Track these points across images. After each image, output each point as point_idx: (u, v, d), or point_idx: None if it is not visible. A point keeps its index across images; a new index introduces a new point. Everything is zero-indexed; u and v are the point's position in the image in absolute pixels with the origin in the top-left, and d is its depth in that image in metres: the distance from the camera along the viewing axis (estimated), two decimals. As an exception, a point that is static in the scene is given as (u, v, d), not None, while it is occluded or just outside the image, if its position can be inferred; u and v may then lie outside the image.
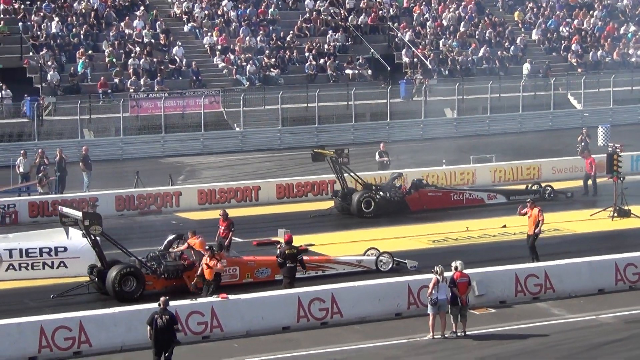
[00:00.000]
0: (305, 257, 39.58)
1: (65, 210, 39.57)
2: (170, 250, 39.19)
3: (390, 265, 40.91)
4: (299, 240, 45.65)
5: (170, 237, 40.00)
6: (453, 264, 34.95)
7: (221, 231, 41.84)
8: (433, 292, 33.85)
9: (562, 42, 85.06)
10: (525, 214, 41.40)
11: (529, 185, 55.46)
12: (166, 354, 30.08)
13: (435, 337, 33.96)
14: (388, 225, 49.09)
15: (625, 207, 50.80)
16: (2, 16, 73.31)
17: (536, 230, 41.10)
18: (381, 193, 51.48)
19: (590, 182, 55.39)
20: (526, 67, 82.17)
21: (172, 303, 31.48)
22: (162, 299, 31.52)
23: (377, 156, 59.88)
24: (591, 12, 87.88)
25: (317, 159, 53.22)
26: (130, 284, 37.14)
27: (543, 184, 55.03)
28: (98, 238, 37.59)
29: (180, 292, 36.86)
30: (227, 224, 41.89)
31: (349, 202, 51.22)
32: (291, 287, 36.96)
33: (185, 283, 37.92)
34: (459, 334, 34.21)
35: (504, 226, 49.16)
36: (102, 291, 37.65)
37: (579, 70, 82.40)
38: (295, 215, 51.40)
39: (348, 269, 40.15)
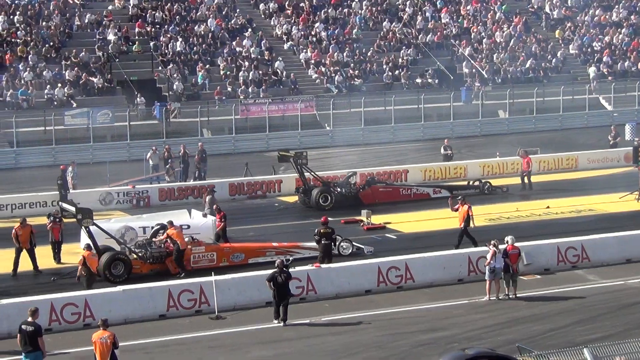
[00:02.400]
0: (274, 244, 39.59)
1: (64, 205, 39.49)
2: (155, 239, 38.52)
3: (350, 250, 39.95)
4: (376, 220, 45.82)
5: (155, 227, 39.32)
6: (506, 239, 34.81)
7: (217, 222, 41.02)
8: (491, 261, 33.72)
9: (596, 54, 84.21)
10: (457, 209, 40.54)
11: (471, 182, 53.74)
12: (284, 303, 31.38)
13: (491, 298, 33.80)
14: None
15: (650, 191, 50.30)
16: (137, 37, 73.69)
17: (472, 225, 39.85)
18: (338, 189, 50.02)
19: (526, 179, 53.82)
20: (592, 71, 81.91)
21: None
22: (278, 261, 32.16)
23: (442, 150, 59.59)
24: (620, 29, 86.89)
25: (282, 159, 51.55)
26: (118, 268, 36.64)
27: (483, 180, 53.38)
28: (91, 228, 36.98)
29: (164, 275, 36.72)
30: (221, 215, 41.33)
31: (310, 197, 49.91)
32: (329, 262, 36.63)
33: (167, 267, 37.57)
34: (510, 296, 34.04)
35: (548, 207, 48.77)
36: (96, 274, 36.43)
37: (609, 78, 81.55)
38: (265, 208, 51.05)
39: (313, 253, 38.70)
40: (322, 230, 37.54)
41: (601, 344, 23.33)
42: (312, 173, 50.57)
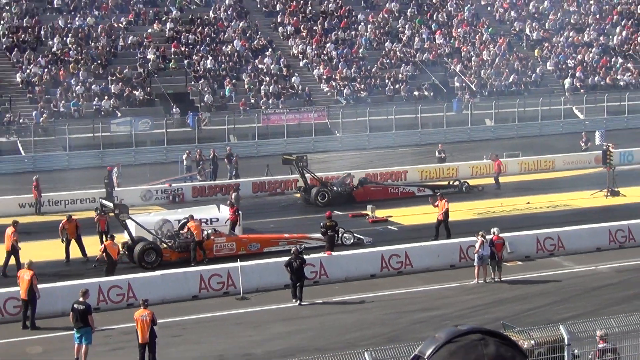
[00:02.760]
0: (286, 235, 39.59)
1: (104, 202, 39.66)
2: (182, 230, 38.54)
3: (352, 240, 39.85)
4: (379, 214, 45.80)
5: (183, 220, 39.32)
6: (492, 230, 34.86)
7: (230, 216, 41.02)
8: (479, 249, 33.75)
9: (570, 70, 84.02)
10: (437, 205, 40.54)
11: (450, 182, 53.20)
12: (300, 284, 31.85)
13: (479, 282, 33.81)
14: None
15: (616, 189, 50.27)
16: (173, 56, 73.74)
17: (445, 217, 39.96)
18: (334, 188, 49.59)
19: (495, 180, 53.35)
20: (567, 82, 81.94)
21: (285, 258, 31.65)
22: (293, 249, 32.27)
23: (436, 153, 59.57)
24: (590, 49, 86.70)
25: (286, 162, 50.71)
26: (151, 256, 36.79)
27: (462, 181, 52.95)
28: (126, 222, 37.13)
29: (190, 262, 36.75)
30: (234, 210, 41.24)
31: (309, 195, 49.47)
32: (330, 249, 36.62)
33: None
34: (496, 280, 34.10)
35: (528, 202, 48.72)
36: (132, 261, 37.03)
37: (582, 90, 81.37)
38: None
39: (319, 243, 38.72)
40: (327, 223, 37.59)
41: (575, 322, 23.31)
42: (312, 174, 50.35)
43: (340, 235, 39.50)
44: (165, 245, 37.64)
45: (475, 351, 7.70)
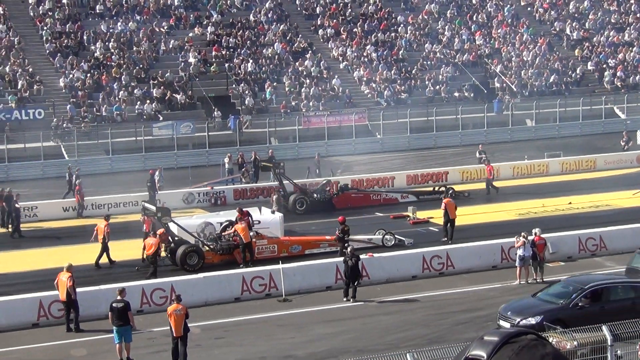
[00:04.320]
0: (327, 237, 39.34)
1: (147, 205, 39.80)
2: (224, 233, 38.57)
3: (393, 242, 39.75)
4: (420, 215, 45.64)
5: (225, 223, 39.35)
6: (533, 230, 34.69)
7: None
8: (520, 249, 33.64)
9: (610, 70, 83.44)
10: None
11: (436, 187, 51.97)
12: (354, 283, 32.31)
13: (521, 282, 33.66)
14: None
15: (658, 188, 49.95)
16: (214, 60, 73.94)
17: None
18: (314, 195, 48.76)
19: (491, 185, 52.34)
20: (607, 75, 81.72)
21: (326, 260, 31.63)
22: (349, 248, 32.35)
23: (477, 154, 59.33)
24: (631, 48, 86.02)
25: (264, 169, 50.27)
26: (193, 259, 36.76)
27: (447, 186, 51.46)
28: (169, 225, 37.39)
29: (232, 264, 36.87)
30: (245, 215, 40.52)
31: (287, 202, 48.17)
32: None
33: (235, 258, 37.65)
34: (538, 280, 33.97)
35: (570, 203, 48.43)
36: (174, 264, 37.09)
37: (622, 90, 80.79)
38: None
39: (361, 245, 38.71)
40: (345, 228, 37.44)
41: (620, 322, 23.09)
42: (290, 181, 49.51)
43: (382, 237, 39.71)
44: (207, 248, 37.73)
45: (537, 351, 7.71)
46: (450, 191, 49.83)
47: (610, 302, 27.91)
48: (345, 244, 35.75)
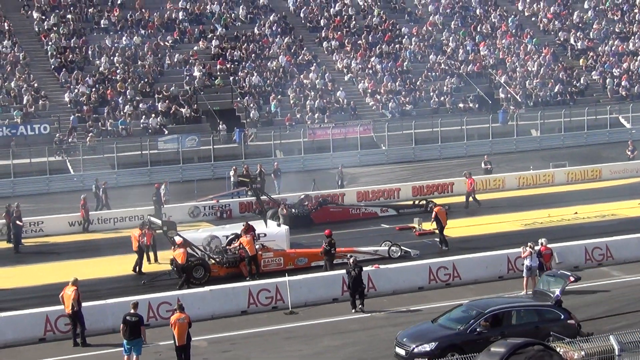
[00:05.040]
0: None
1: (152, 219, 39.91)
2: (229, 246, 38.58)
3: (399, 254, 39.73)
4: (426, 226, 45.53)
5: (231, 236, 39.40)
6: (540, 240, 34.67)
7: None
8: (526, 259, 33.61)
9: (615, 79, 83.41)
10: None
11: (416, 201, 51.26)
12: (358, 294, 32.40)
13: (527, 293, 33.57)
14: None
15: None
16: (219, 73, 74.03)
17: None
18: (292, 210, 48.10)
19: (471, 198, 51.48)
20: (608, 82, 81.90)
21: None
22: (352, 259, 32.32)
23: (482, 164, 59.32)
24: (636, 57, 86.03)
25: (241, 184, 49.05)
26: (199, 272, 36.74)
27: (427, 200, 51.02)
28: (175, 238, 37.37)
29: (238, 277, 36.88)
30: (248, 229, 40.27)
31: (265, 217, 45.64)
32: (331, 268, 36.53)
33: (241, 270, 37.61)
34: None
35: (576, 212, 48.39)
36: (180, 277, 36.72)
37: (627, 99, 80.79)
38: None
39: (368, 256, 38.89)
40: (332, 241, 37.35)
41: (625, 332, 23.06)
42: (268, 196, 49.10)
43: (388, 248, 39.77)
44: (213, 261, 37.75)
45: (546, 361, 7.74)
46: (431, 204, 49.33)
47: (511, 327, 26.87)
48: (349, 255, 35.74)
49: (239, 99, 72.24)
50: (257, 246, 37.84)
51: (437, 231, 42.00)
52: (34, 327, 30.49)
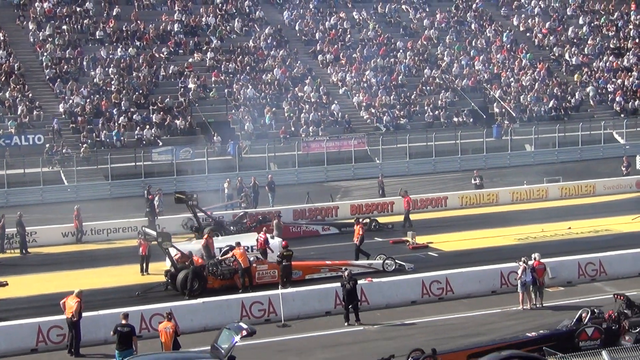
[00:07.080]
0: (328, 262, 39.42)
1: (147, 230, 39.94)
2: (224, 258, 38.35)
3: (394, 267, 39.72)
4: (420, 240, 45.55)
5: (225, 248, 39.36)
6: (533, 255, 34.68)
7: (260, 244, 40.58)
8: (522, 276, 33.64)
9: (609, 95, 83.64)
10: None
11: (360, 219, 47.76)
12: (351, 307, 32.44)
13: (523, 308, 33.63)
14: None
15: (658, 213, 49.98)
16: (213, 85, 74.12)
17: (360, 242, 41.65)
18: (230, 228, 47.83)
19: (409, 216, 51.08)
20: (591, 90, 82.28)
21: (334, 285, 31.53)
22: (346, 272, 32.49)
23: (472, 180, 59.43)
24: (630, 73, 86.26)
25: (178, 201, 47.49)
26: (194, 283, 36.70)
27: (371, 218, 50.96)
28: (169, 250, 37.42)
29: (232, 289, 36.84)
30: (263, 240, 40.64)
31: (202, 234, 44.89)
32: (288, 282, 36.55)
33: (235, 282, 37.55)
34: (538, 305, 33.86)
35: (569, 228, 48.44)
36: (174, 289, 37.06)
37: (622, 115, 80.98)
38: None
39: (362, 270, 38.88)
40: (284, 253, 37.38)
41: (618, 347, 23.08)
42: (205, 212, 48.84)
43: (382, 261, 39.77)
44: (208, 273, 37.72)
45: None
46: (374, 223, 49.80)
47: None
48: (343, 268, 35.72)
49: (233, 111, 72.29)
50: (251, 258, 37.86)
51: None
52: (26, 337, 30.42)
